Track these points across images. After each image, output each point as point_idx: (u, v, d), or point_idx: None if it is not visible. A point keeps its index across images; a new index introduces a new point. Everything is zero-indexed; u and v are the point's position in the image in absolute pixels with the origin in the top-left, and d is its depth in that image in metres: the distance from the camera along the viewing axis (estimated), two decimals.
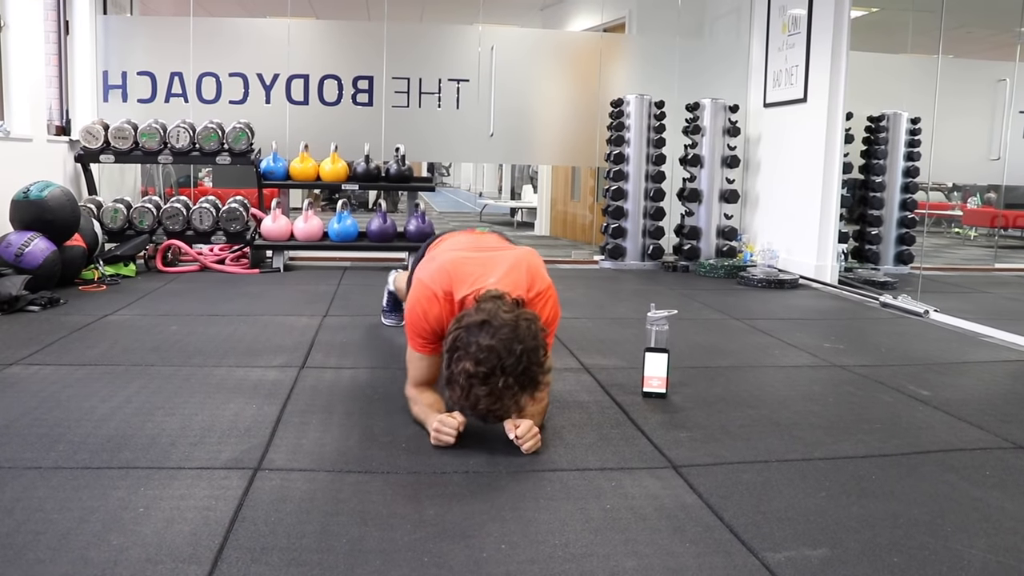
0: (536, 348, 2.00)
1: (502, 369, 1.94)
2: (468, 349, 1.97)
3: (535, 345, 2.00)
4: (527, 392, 2.02)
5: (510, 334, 1.96)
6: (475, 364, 1.95)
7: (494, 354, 1.94)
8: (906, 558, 1.61)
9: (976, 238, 8.70)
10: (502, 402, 1.99)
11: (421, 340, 2.33)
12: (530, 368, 1.99)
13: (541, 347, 2.02)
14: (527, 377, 1.99)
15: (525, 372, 1.98)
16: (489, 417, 2.05)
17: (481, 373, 1.95)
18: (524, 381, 1.99)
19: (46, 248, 4.22)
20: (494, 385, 1.95)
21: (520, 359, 1.96)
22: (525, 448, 2.13)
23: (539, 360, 2.01)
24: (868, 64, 6.28)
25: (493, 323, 1.98)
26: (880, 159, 6.42)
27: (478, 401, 1.99)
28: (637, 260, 6.22)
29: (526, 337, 1.98)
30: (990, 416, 2.60)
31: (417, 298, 2.31)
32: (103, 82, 6.15)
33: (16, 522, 1.64)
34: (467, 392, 1.98)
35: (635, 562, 1.57)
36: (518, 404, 2.04)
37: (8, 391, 2.55)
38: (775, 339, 3.71)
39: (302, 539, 1.62)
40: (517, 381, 1.97)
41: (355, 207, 11.95)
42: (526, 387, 2.01)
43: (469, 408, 2.03)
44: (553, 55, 6.84)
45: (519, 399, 2.02)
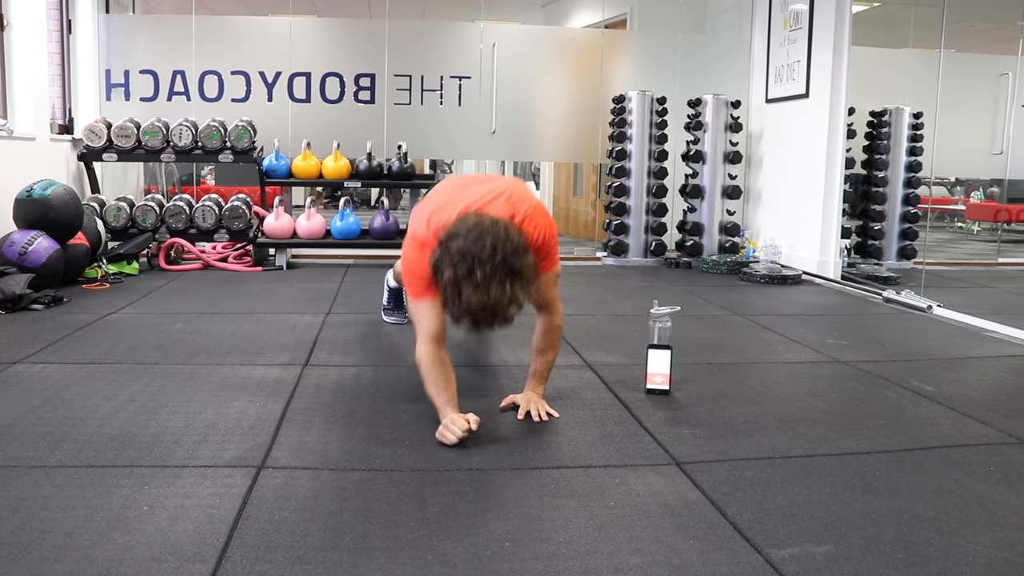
0: (507, 241, 2.06)
1: (479, 262, 2.01)
2: (444, 260, 2.06)
3: (506, 238, 2.06)
4: (516, 284, 2.05)
5: (477, 234, 2.05)
6: (453, 269, 2.03)
7: (468, 255, 2.02)
8: (910, 554, 1.61)
9: (979, 233, 8.68)
10: (489, 295, 2.01)
11: (422, 284, 2.32)
12: (507, 259, 2.04)
13: (513, 241, 2.07)
14: (507, 267, 2.03)
15: (504, 262, 2.03)
16: (492, 320, 2.05)
17: (461, 274, 2.02)
18: (505, 270, 2.03)
19: (49, 247, 4.22)
20: (476, 280, 2.00)
21: (494, 250, 2.02)
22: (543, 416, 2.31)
23: (514, 250, 2.06)
24: (870, 59, 6.27)
25: (461, 231, 2.07)
26: (882, 154, 6.41)
27: (470, 304, 2.02)
28: (640, 256, 6.22)
29: (495, 232, 2.06)
30: (994, 411, 2.59)
31: (410, 252, 2.37)
32: (106, 80, 6.15)
33: (21, 520, 1.65)
34: (457, 298, 2.03)
35: (639, 559, 1.57)
36: (514, 299, 2.05)
37: (12, 390, 2.55)
38: (778, 335, 3.70)
39: (306, 537, 1.62)
40: (498, 270, 2.01)
41: (357, 205, 11.96)
42: (511, 277, 2.04)
43: (468, 316, 2.05)
44: (555, 52, 6.83)
45: (511, 291, 2.04)
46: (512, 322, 2.10)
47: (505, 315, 2.06)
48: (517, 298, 2.05)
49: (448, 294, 2.06)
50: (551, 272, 2.41)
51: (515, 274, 2.04)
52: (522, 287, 2.07)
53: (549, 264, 2.38)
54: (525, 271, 2.08)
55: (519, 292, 2.05)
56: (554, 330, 2.47)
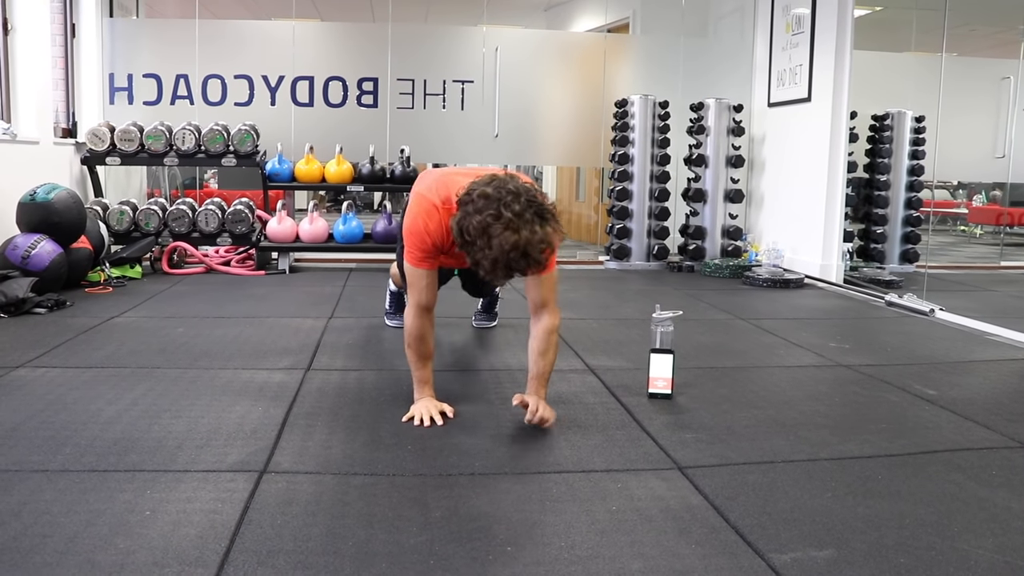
0: (528, 188, 2.11)
1: (504, 204, 2.04)
2: (468, 212, 2.09)
3: (526, 186, 2.12)
4: (545, 223, 2.07)
5: (499, 183, 2.11)
6: (480, 214, 2.05)
7: (493, 199, 2.06)
8: (913, 559, 1.61)
9: (981, 236, 8.67)
10: (520, 233, 2.03)
11: (421, 253, 2.39)
12: (533, 199, 2.08)
13: (533, 188, 2.12)
14: (533, 207, 2.07)
15: (530, 202, 2.07)
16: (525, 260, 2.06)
17: (489, 218, 2.04)
18: (533, 210, 2.06)
19: (52, 250, 4.23)
20: (506, 220, 2.03)
21: (518, 193, 2.07)
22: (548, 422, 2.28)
23: (537, 193, 2.11)
24: (872, 63, 6.27)
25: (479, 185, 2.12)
26: (885, 158, 6.41)
27: (503, 245, 2.03)
28: (642, 260, 6.22)
29: (514, 181, 2.12)
30: (997, 415, 2.59)
31: (417, 211, 2.39)
32: (109, 84, 6.16)
33: (23, 525, 1.65)
34: (488, 245, 2.05)
35: (641, 564, 1.57)
36: (544, 237, 2.07)
37: (15, 393, 2.56)
38: (780, 339, 3.70)
39: (308, 542, 1.62)
40: (526, 210, 2.05)
41: (360, 208, 11.97)
42: (539, 216, 2.07)
43: (501, 258, 2.05)
44: (557, 56, 6.84)
45: (540, 230, 2.06)
46: (544, 264, 2.13)
47: (538, 254, 2.07)
48: (547, 237, 2.08)
49: (478, 245, 2.07)
50: (551, 272, 2.42)
51: (542, 213, 2.08)
52: (551, 227, 2.09)
53: (550, 264, 2.39)
54: (550, 213, 2.11)
55: (548, 231, 2.08)
56: (552, 332, 2.46)
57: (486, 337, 3.60)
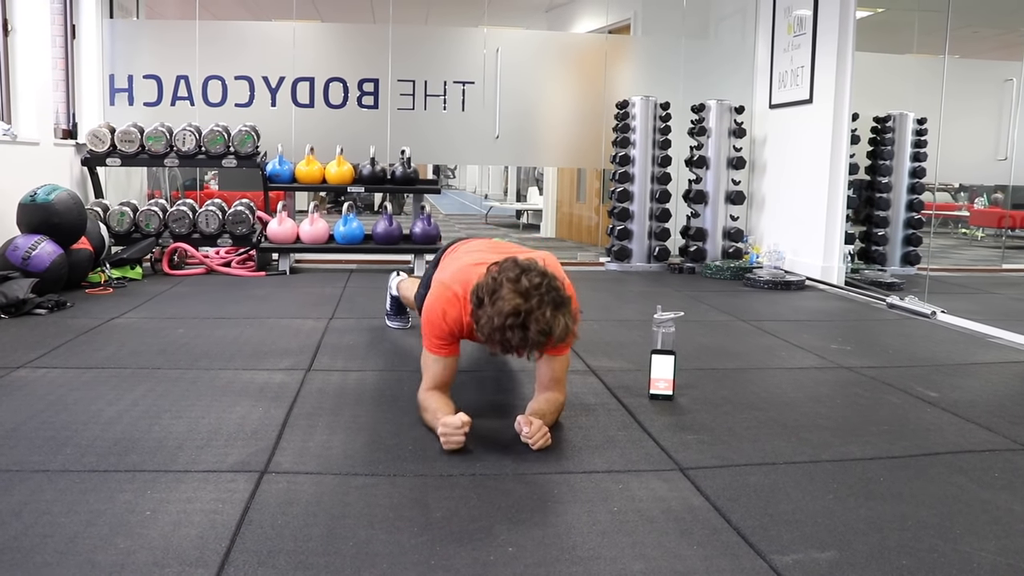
0: (556, 277, 2.08)
1: (528, 277, 2.02)
2: (491, 275, 2.07)
3: (555, 276, 2.09)
4: (558, 310, 2.03)
5: (529, 263, 2.08)
6: (501, 274, 2.05)
7: (517, 265, 2.05)
8: (915, 561, 1.60)
9: (983, 239, 8.66)
10: (530, 302, 1.99)
11: (439, 341, 2.34)
12: (555, 286, 2.05)
13: (559, 281, 2.09)
14: (554, 292, 2.04)
15: (551, 287, 2.04)
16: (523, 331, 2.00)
17: (507, 279, 2.02)
18: (552, 294, 2.03)
19: (53, 251, 4.23)
20: (522, 286, 2.00)
21: (544, 273, 2.05)
22: (536, 446, 2.15)
23: (563, 285, 2.09)
24: (874, 65, 6.26)
25: (511, 261, 2.10)
26: (886, 160, 6.40)
27: (507, 309, 1.99)
28: (643, 262, 6.21)
29: (543, 269, 2.08)
30: (999, 417, 2.59)
31: (436, 298, 2.33)
32: (109, 85, 6.17)
33: (24, 525, 1.65)
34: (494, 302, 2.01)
35: (642, 565, 1.57)
36: (551, 321, 2.01)
37: (15, 394, 2.55)
38: (782, 341, 3.70)
39: (309, 542, 1.62)
40: (546, 291, 2.02)
41: (361, 209, 11.98)
42: (556, 303, 2.03)
43: (500, 321, 2.00)
44: (558, 57, 6.84)
45: (551, 313, 2.01)
46: (540, 347, 2.08)
47: (536, 333, 2.00)
48: (551, 323, 2.01)
49: (484, 304, 2.03)
50: (565, 355, 2.38)
51: (559, 302, 2.04)
52: (562, 316, 2.03)
53: (567, 347, 2.35)
54: (566, 305, 2.06)
55: (558, 319, 2.02)
56: (557, 405, 2.38)
57: None
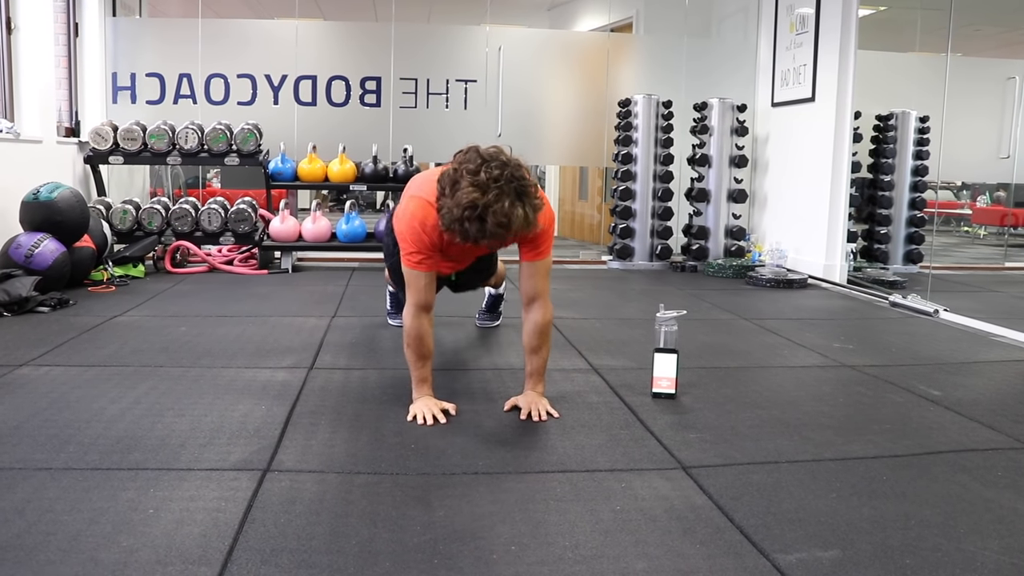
0: (520, 165, 2.08)
1: (488, 168, 2.03)
2: (455, 165, 2.09)
3: (519, 164, 2.09)
4: (519, 200, 2.04)
5: (497, 151, 2.09)
6: (460, 164, 2.06)
7: (478, 155, 2.06)
8: (918, 560, 1.60)
9: (986, 237, 8.66)
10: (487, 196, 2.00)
11: (419, 254, 2.35)
12: (517, 175, 2.05)
13: (524, 171, 2.09)
14: (515, 181, 2.04)
15: (513, 176, 2.04)
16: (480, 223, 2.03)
17: (466, 169, 2.04)
18: (513, 184, 2.04)
19: (56, 249, 4.23)
20: (479, 179, 2.01)
21: (506, 163, 2.05)
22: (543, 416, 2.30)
23: (525, 173, 2.09)
24: (876, 63, 6.25)
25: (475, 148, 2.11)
26: (889, 158, 6.40)
27: (464, 202, 2.01)
28: (645, 260, 6.21)
29: (510, 157, 2.09)
30: (1002, 416, 2.58)
31: (411, 210, 2.35)
32: (112, 84, 6.17)
33: (27, 523, 1.65)
34: (455, 192, 2.04)
35: (645, 564, 1.57)
36: (511, 211, 2.03)
37: (18, 392, 2.56)
38: (784, 339, 3.70)
39: (312, 541, 1.62)
40: (507, 182, 2.02)
41: (363, 208, 11.97)
42: (518, 193, 2.04)
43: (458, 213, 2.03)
44: (560, 55, 6.84)
45: (510, 204, 2.02)
46: (505, 238, 2.12)
47: (495, 226, 2.04)
48: (512, 214, 2.04)
49: (446, 194, 2.07)
50: (547, 259, 2.42)
51: (521, 192, 2.06)
52: (523, 208, 2.06)
53: (546, 250, 2.40)
54: (529, 195, 2.08)
55: (518, 212, 2.05)
56: (545, 325, 2.44)
57: (489, 336, 3.60)
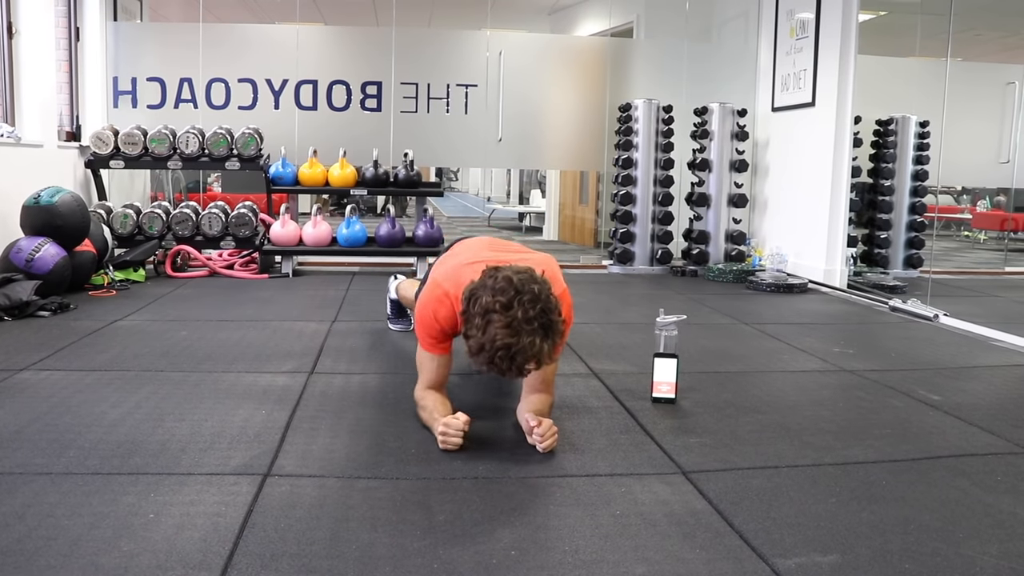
0: (550, 296, 2.04)
1: (520, 302, 1.98)
2: (486, 288, 2.03)
3: (549, 294, 2.04)
4: (548, 338, 2.02)
5: (527, 277, 2.04)
6: (493, 296, 2.00)
7: (511, 286, 2.00)
8: (918, 564, 1.60)
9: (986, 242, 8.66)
10: (521, 339, 1.97)
11: (431, 340, 2.36)
12: (548, 310, 2.01)
13: (554, 300, 2.05)
14: (546, 318, 2.01)
15: (544, 312, 2.00)
16: (510, 362, 2.00)
17: (499, 304, 1.98)
18: (543, 321, 2.00)
19: (56, 253, 4.24)
20: (513, 317, 1.97)
21: (537, 297, 2.00)
22: (543, 447, 2.16)
23: (555, 307, 2.04)
24: (876, 68, 6.26)
25: (510, 270, 2.06)
26: (889, 163, 6.40)
27: (498, 343, 1.97)
28: (646, 265, 6.22)
29: (542, 284, 2.04)
30: (1001, 421, 2.58)
31: (428, 298, 2.34)
32: (113, 88, 6.18)
33: (27, 528, 1.65)
34: (486, 326, 1.99)
35: (645, 568, 1.57)
36: (539, 351, 2.01)
37: (18, 396, 2.56)
38: (784, 344, 3.70)
39: (312, 545, 1.62)
40: (536, 318, 1.98)
41: (363, 212, 11.99)
42: (544, 330, 2.01)
43: (489, 350, 1.99)
44: (561, 60, 6.84)
45: (540, 343, 2.00)
46: (524, 375, 2.08)
47: (523, 363, 2.01)
48: (541, 353, 2.01)
49: (474, 323, 2.02)
50: (554, 363, 2.36)
51: (549, 328, 2.02)
52: (550, 345, 2.03)
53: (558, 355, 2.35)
54: (556, 331, 2.05)
55: (546, 348, 2.02)
56: (545, 407, 2.36)
57: None
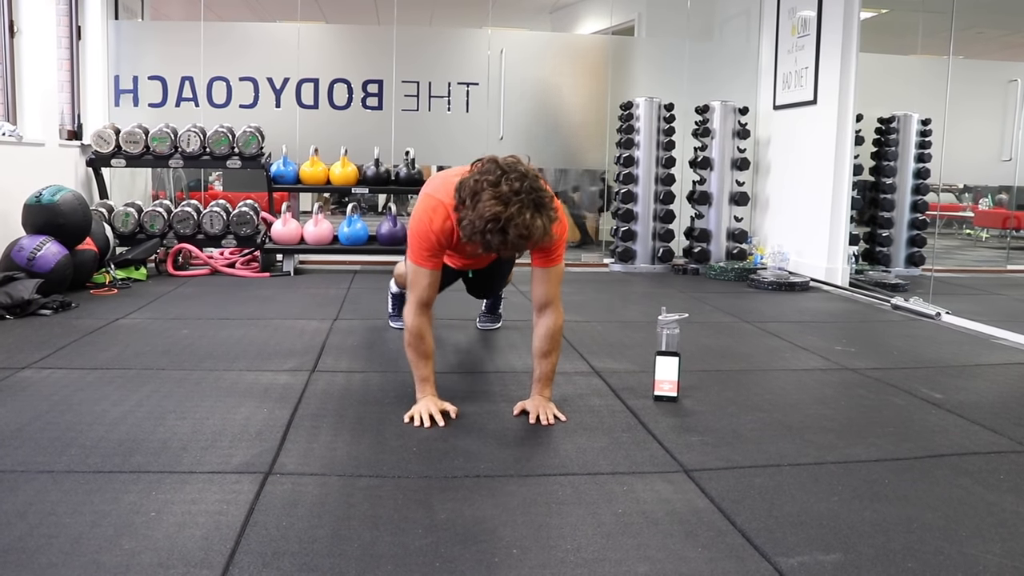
0: (538, 177, 2.11)
1: (507, 179, 2.05)
2: (474, 173, 2.11)
3: (537, 176, 2.11)
4: (539, 213, 2.06)
5: (514, 162, 2.12)
6: (481, 175, 2.08)
7: (498, 166, 2.08)
8: (920, 563, 1.60)
9: (988, 240, 8.65)
10: (509, 208, 2.02)
11: (426, 252, 2.39)
12: (536, 187, 2.08)
13: (542, 185, 2.12)
14: (535, 193, 2.06)
15: (532, 188, 2.06)
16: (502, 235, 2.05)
17: (487, 181, 2.05)
18: (533, 197, 2.06)
19: (58, 252, 4.24)
20: (501, 190, 2.03)
21: (525, 175, 2.08)
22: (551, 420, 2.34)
23: (543, 187, 2.11)
24: (878, 66, 6.26)
25: (494, 157, 2.14)
26: (891, 161, 6.40)
27: (487, 215, 2.03)
28: (647, 263, 6.21)
29: (528, 168, 2.11)
30: (1004, 419, 2.58)
31: (424, 208, 2.38)
32: (114, 86, 6.18)
33: (29, 526, 1.65)
34: (475, 204, 2.05)
35: (647, 567, 1.57)
36: (531, 224, 2.05)
37: (20, 395, 2.56)
38: (786, 342, 3.69)
39: (313, 544, 1.62)
40: (526, 193, 2.04)
41: (365, 211, 11.97)
42: (536, 205, 2.06)
43: (480, 225, 2.05)
44: (562, 58, 6.84)
45: (531, 216, 2.04)
46: (520, 249, 2.13)
47: (516, 237, 2.06)
48: (532, 226, 2.06)
49: (466, 205, 2.09)
50: (559, 265, 2.44)
51: (540, 203, 2.08)
52: (542, 219, 2.08)
53: (559, 257, 2.43)
54: (547, 207, 2.10)
55: (538, 222, 2.07)
56: (556, 331, 2.47)
57: (490, 339, 3.60)
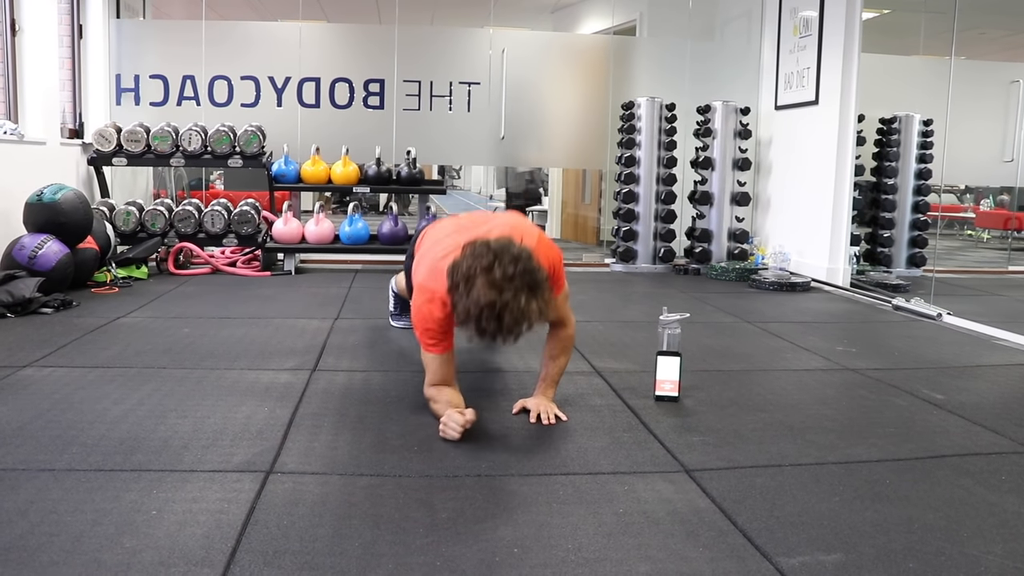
0: (532, 256, 2.08)
1: (500, 263, 2.01)
2: (466, 258, 2.06)
3: (531, 255, 2.08)
4: (534, 296, 2.03)
5: (506, 242, 2.08)
6: (474, 260, 2.03)
7: (490, 250, 2.04)
8: (922, 564, 1.60)
9: (989, 240, 8.65)
10: (504, 295, 1.98)
11: (432, 341, 2.37)
12: (530, 270, 2.04)
13: (534, 260, 2.08)
14: (529, 277, 2.03)
15: (526, 271, 2.03)
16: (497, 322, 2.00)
17: (479, 267, 2.01)
18: (527, 280, 2.02)
19: (59, 250, 4.24)
20: (494, 276, 1.99)
21: (518, 257, 2.04)
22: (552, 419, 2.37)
23: (538, 267, 2.08)
24: (880, 66, 6.26)
25: (484, 240, 2.10)
26: (892, 161, 6.39)
27: (482, 302, 1.99)
28: (648, 263, 6.21)
29: (520, 248, 2.08)
30: (1005, 420, 2.58)
31: (420, 302, 2.35)
32: (116, 85, 6.18)
33: (30, 524, 1.65)
34: (469, 290, 2.02)
35: (648, 567, 1.57)
36: (526, 309, 2.02)
37: (21, 393, 2.56)
38: (787, 342, 3.69)
39: (315, 542, 1.62)
40: (520, 276, 2.01)
41: (366, 210, 11.98)
42: (532, 289, 2.03)
43: (475, 312, 2.01)
44: (564, 58, 6.84)
45: (526, 301, 2.01)
46: (516, 339, 2.07)
47: (511, 323, 2.01)
48: (527, 312, 2.01)
49: (459, 290, 2.04)
50: (562, 293, 2.46)
51: (534, 287, 2.03)
52: (536, 304, 2.04)
53: (558, 288, 2.42)
54: (542, 287, 2.06)
55: (532, 307, 2.02)
56: (567, 338, 2.52)
57: None
